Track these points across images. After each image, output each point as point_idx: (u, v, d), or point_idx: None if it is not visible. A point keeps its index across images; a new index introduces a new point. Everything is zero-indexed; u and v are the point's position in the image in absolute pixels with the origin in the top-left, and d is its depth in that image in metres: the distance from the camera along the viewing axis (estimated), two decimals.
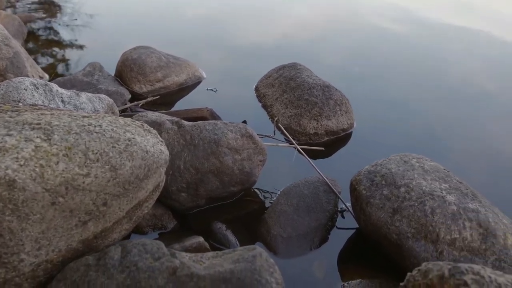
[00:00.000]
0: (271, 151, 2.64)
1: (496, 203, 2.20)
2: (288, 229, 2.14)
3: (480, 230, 1.83)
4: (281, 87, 3.28)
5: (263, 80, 3.59)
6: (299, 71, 3.32)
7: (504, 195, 2.65)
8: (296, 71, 3.33)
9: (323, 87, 3.09)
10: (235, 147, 2.20)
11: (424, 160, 2.12)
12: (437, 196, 1.88)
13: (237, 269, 1.42)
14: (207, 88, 3.67)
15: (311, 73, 3.35)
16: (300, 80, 3.19)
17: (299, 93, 3.09)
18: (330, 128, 2.99)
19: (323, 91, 3.06)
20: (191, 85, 3.71)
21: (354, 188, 2.09)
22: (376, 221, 1.93)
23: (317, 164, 2.59)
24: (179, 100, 3.50)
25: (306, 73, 3.29)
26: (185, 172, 2.17)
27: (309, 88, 3.09)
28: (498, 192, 2.67)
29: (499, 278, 1.16)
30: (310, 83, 3.12)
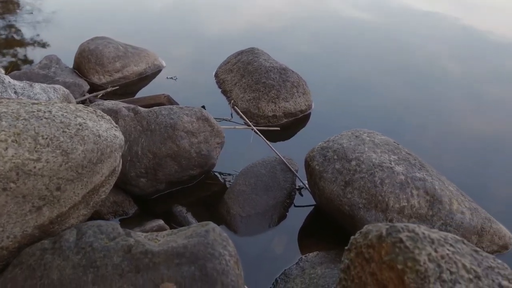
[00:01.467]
0: (229, 134, 2.68)
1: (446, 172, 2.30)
2: (247, 208, 2.19)
3: (427, 198, 1.92)
4: (239, 72, 3.32)
5: (222, 66, 3.62)
6: (256, 56, 3.37)
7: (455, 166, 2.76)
8: (254, 56, 3.37)
9: (280, 70, 3.14)
10: (191, 130, 2.24)
11: (375, 134, 2.19)
12: (386, 168, 1.96)
13: (190, 243, 1.46)
14: (167, 76, 3.68)
15: (269, 57, 3.39)
16: (258, 64, 3.24)
17: (257, 77, 3.14)
18: (288, 110, 3.05)
19: (280, 74, 3.12)
20: (151, 74, 3.71)
21: (308, 164, 2.16)
22: (329, 195, 1.99)
23: (275, 145, 2.65)
24: (139, 89, 3.50)
25: (264, 57, 3.33)
26: (143, 157, 2.20)
27: (266, 71, 3.14)
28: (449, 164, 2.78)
29: (432, 234, 1.23)
30: (267, 67, 3.17)
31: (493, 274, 1.23)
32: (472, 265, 1.21)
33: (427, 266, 1.15)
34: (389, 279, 1.19)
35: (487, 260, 1.27)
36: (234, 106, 3.04)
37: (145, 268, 1.42)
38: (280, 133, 2.95)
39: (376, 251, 1.22)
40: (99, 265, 1.42)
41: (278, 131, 2.94)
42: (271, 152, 2.53)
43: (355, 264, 1.28)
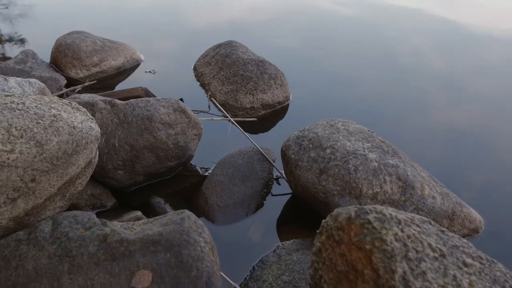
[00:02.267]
0: (207, 125, 2.70)
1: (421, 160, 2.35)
2: (224, 198, 2.21)
3: (399, 183, 1.96)
4: (217, 65, 3.33)
5: (200, 59, 3.62)
6: (234, 48, 3.38)
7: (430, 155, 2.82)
8: (232, 49, 3.39)
9: (257, 62, 3.17)
10: (168, 122, 2.25)
11: (349, 123, 2.23)
12: (360, 155, 2.00)
13: (165, 231, 1.48)
14: (146, 70, 3.68)
15: (247, 49, 3.41)
16: (235, 56, 3.26)
17: (235, 69, 3.16)
18: (266, 101, 3.07)
19: (257, 66, 3.14)
20: (129, 68, 3.70)
21: (284, 153, 2.19)
22: (304, 182, 2.03)
23: (253, 136, 2.67)
24: (117, 83, 3.49)
25: (242, 50, 3.35)
26: (120, 149, 2.20)
27: (243, 64, 3.16)
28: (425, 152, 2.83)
29: (399, 215, 1.27)
30: (244, 59, 3.19)
31: (458, 252, 1.27)
32: (437, 244, 1.25)
33: (394, 246, 1.19)
34: (358, 260, 1.22)
35: (452, 240, 1.31)
36: (212, 97, 3.06)
37: (121, 256, 1.44)
38: (258, 124, 2.98)
39: (346, 233, 1.26)
40: (75, 254, 1.43)
41: (256, 122, 2.97)
42: (248, 143, 2.55)
43: (326, 247, 1.32)
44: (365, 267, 1.20)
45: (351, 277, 1.24)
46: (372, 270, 1.19)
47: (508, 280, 1.28)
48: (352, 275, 1.23)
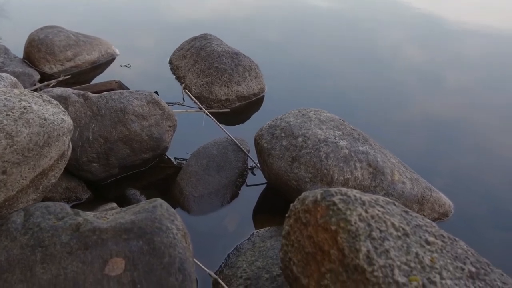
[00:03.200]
0: (182, 118, 2.72)
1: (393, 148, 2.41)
2: (199, 188, 2.24)
3: (370, 170, 2.01)
4: (192, 58, 3.35)
5: (176, 52, 3.63)
6: (209, 41, 3.40)
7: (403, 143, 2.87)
8: (207, 41, 3.40)
9: (232, 54, 3.19)
10: (142, 114, 2.26)
11: (321, 112, 2.27)
12: (331, 142, 2.04)
13: (138, 219, 1.50)
14: (121, 64, 3.67)
15: (221, 42, 3.43)
16: (210, 49, 3.27)
17: (209, 62, 3.17)
18: (241, 93, 3.10)
19: (232, 58, 3.16)
20: (104, 63, 3.69)
21: (257, 142, 2.22)
22: (277, 171, 2.06)
23: (229, 127, 2.70)
24: (92, 78, 3.48)
25: (216, 42, 3.37)
26: (94, 142, 2.21)
27: (218, 56, 3.17)
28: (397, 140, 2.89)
29: (363, 197, 1.31)
30: (219, 52, 3.21)
31: (421, 231, 1.32)
32: (401, 224, 1.29)
33: (358, 226, 1.23)
34: (324, 240, 1.26)
35: (416, 219, 1.36)
36: (185, 89, 3.07)
37: (93, 245, 1.45)
38: (233, 116, 3.00)
39: (312, 215, 1.29)
40: (47, 244, 1.44)
41: (231, 114, 3.00)
42: (223, 134, 2.58)
43: (294, 229, 1.35)
44: (331, 248, 1.24)
45: (318, 257, 1.27)
46: (338, 250, 1.23)
47: (469, 257, 1.33)
48: (319, 255, 1.27)
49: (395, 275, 1.17)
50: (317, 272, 1.27)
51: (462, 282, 1.25)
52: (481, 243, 2.16)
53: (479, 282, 1.27)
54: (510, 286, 1.34)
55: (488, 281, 1.29)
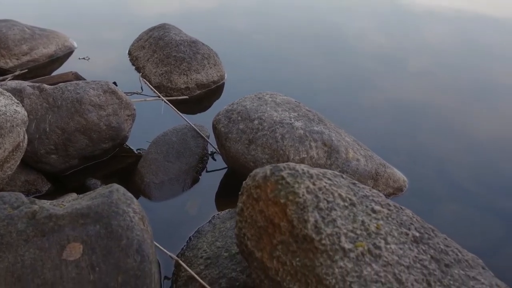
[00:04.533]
0: (142, 107, 2.72)
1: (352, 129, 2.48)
2: (160, 175, 2.26)
3: (325, 148, 2.07)
4: (151, 48, 3.34)
5: (135, 43, 3.62)
6: (167, 31, 3.40)
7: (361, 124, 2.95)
8: (165, 31, 3.40)
9: (189, 42, 3.20)
10: (99, 104, 2.26)
11: (277, 95, 2.32)
12: (286, 124, 2.09)
13: (94, 204, 1.51)
14: (79, 57, 3.63)
15: (180, 31, 3.43)
16: (168, 38, 3.28)
17: (168, 51, 3.18)
18: (200, 81, 3.12)
19: (190, 46, 3.17)
20: (62, 56, 3.64)
21: (214, 127, 2.25)
22: (235, 153, 2.10)
23: (190, 116, 2.72)
24: (50, 72, 3.43)
25: (174, 32, 3.37)
26: (52, 134, 2.20)
27: (176, 45, 3.18)
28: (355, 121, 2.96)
29: (311, 170, 1.36)
30: (177, 40, 3.22)
31: (368, 201, 1.38)
32: (348, 195, 1.35)
33: (306, 198, 1.28)
34: (274, 214, 1.30)
35: (363, 190, 1.42)
36: (143, 78, 3.08)
37: (50, 231, 1.46)
38: (193, 104, 3.02)
39: (263, 190, 1.34)
40: (3, 233, 1.44)
41: (191, 102, 3.02)
42: (183, 121, 2.60)
43: (247, 206, 1.39)
44: (281, 220, 1.29)
45: (270, 231, 1.32)
46: (287, 222, 1.28)
47: (413, 223, 1.40)
48: (271, 228, 1.32)
49: (342, 242, 1.23)
50: (270, 245, 1.32)
51: (406, 246, 1.31)
52: (434, 215, 2.25)
53: (423, 246, 1.34)
54: (452, 249, 1.41)
55: (431, 244, 1.37)
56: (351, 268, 1.20)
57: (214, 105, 3.07)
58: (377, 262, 1.23)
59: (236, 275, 1.66)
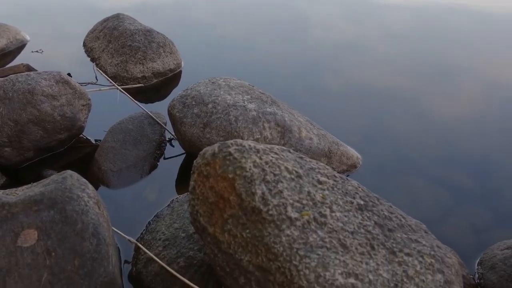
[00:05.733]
0: (98, 97, 2.71)
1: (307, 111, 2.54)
2: (117, 163, 2.27)
3: (278, 129, 2.12)
4: (106, 38, 3.32)
5: (89, 34, 3.58)
6: (121, 21, 3.38)
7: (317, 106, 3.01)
8: (119, 21, 3.39)
9: (144, 32, 3.20)
10: (52, 94, 2.25)
11: (231, 79, 2.36)
12: (240, 106, 2.13)
13: (47, 190, 1.53)
14: (32, 50, 3.58)
15: (134, 21, 3.42)
16: (123, 28, 3.26)
17: (123, 40, 3.17)
18: (157, 69, 3.13)
19: (145, 35, 3.17)
20: (14, 50, 3.58)
21: (170, 113, 2.27)
22: (190, 137, 2.13)
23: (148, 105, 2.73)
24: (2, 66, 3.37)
25: (129, 21, 3.36)
26: (4, 126, 2.18)
27: (131, 34, 3.18)
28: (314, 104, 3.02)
29: (258, 145, 1.41)
30: (131, 30, 3.21)
31: (314, 173, 1.44)
32: (294, 168, 1.40)
33: (253, 172, 1.33)
34: (224, 189, 1.35)
35: (310, 164, 1.48)
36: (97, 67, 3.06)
37: (3, 220, 1.47)
38: (151, 92, 3.04)
39: (212, 167, 1.38)
40: None
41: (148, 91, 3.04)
42: (139, 109, 2.61)
43: (198, 183, 1.43)
44: (231, 194, 1.34)
45: (220, 205, 1.36)
46: (236, 195, 1.32)
47: (358, 193, 1.47)
48: (221, 203, 1.36)
49: (288, 212, 1.28)
50: (221, 219, 1.36)
51: (351, 213, 1.38)
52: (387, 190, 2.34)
53: (367, 213, 1.41)
54: (396, 215, 1.49)
55: (375, 211, 1.44)
56: (298, 235, 1.25)
57: (172, 93, 3.08)
58: (322, 229, 1.29)
59: (194, 253, 1.70)
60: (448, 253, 1.46)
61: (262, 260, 1.27)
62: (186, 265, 1.68)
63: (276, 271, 1.24)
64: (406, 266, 1.32)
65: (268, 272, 1.27)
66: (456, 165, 2.55)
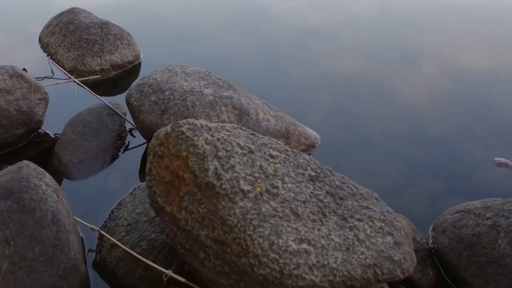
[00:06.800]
0: (56, 91, 2.70)
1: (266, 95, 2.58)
2: (78, 155, 2.27)
3: (235, 112, 2.16)
4: (61, 33, 3.29)
5: (44, 30, 3.54)
6: (77, 15, 3.35)
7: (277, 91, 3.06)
8: (74, 15, 3.36)
9: (100, 24, 3.19)
10: (6, 88, 2.23)
11: (187, 67, 2.38)
12: (196, 92, 2.16)
13: (3, 180, 1.53)
14: None
15: (90, 14, 3.40)
16: (78, 22, 3.24)
17: (79, 34, 3.15)
18: (115, 62, 3.12)
19: (101, 28, 3.16)
20: None
21: (128, 102, 2.29)
22: (149, 125, 2.16)
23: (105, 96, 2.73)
24: None
25: (84, 15, 3.34)
26: None
27: (87, 28, 3.16)
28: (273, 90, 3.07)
29: (210, 124, 1.45)
30: (87, 23, 3.19)
31: (266, 148, 1.49)
32: (246, 143, 1.45)
33: (205, 148, 1.37)
34: (178, 167, 1.38)
35: (262, 140, 1.53)
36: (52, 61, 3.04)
37: None
38: (110, 85, 3.04)
39: (166, 147, 1.41)
40: None
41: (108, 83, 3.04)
42: (98, 101, 2.61)
43: (154, 164, 1.46)
44: (185, 172, 1.37)
45: (176, 184, 1.40)
46: (190, 172, 1.36)
47: (310, 165, 1.53)
48: (177, 182, 1.40)
49: (241, 185, 1.33)
50: (177, 197, 1.40)
51: (302, 184, 1.43)
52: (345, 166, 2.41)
53: (318, 183, 1.47)
54: (348, 185, 1.55)
55: (327, 181, 1.50)
56: (251, 206, 1.30)
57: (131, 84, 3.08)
58: (274, 199, 1.34)
59: (156, 236, 1.73)
60: (398, 217, 1.53)
61: (218, 233, 1.32)
62: (149, 248, 1.71)
63: (232, 242, 1.29)
64: (357, 231, 1.38)
65: (225, 244, 1.31)
66: (412, 142, 2.65)
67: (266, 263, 1.24)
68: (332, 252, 1.31)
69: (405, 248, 1.44)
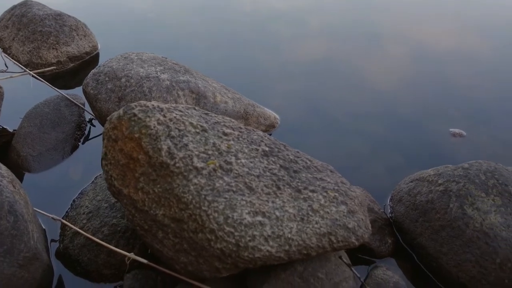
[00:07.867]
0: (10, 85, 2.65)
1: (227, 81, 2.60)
2: (36, 147, 2.25)
3: (193, 95, 2.18)
4: (15, 26, 3.23)
5: None
6: (30, 7, 3.29)
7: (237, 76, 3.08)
8: (27, 8, 3.29)
9: (55, 16, 3.14)
10: None
11: (143, 54, 2.38)
12: (153, 77, 2.16)
13: None
14: None
15: (43, 6, 3.34)
16: (32, 14, 3.18)
17: (33, 27, 3.10)
18: (72, 53, 3.08)
19: (55, 20, 3.11)
20: None
21: (85, 91, 2.28)
22: (106, 113, 2.15)
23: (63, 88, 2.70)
24: None
25: (37, 7, 3.27)
26: None
27: (41, 20, 3.11)
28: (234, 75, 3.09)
29: (162, 105, 1.46)
30: (41, 15, 3.14)
31: (219, 126, 1.51)
32: (199, 123, 1.47)
33: (157, 129, 1.38)
34: (132, 149, 1.40)
35: (215, 118, 1.55)
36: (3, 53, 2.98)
37: None
38: (69, 77, 3.01)
39: (119, 130, 1.42)
40: None
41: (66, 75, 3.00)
42: (55, 93, 2.58)
43: (109, 148, 1.47)
44: (139, 153, 1.39)
45: (131, 166, 1.41)
46: (144, 153, 1.38)
47: (264, 141, 1.56)
48: (132, 164, 1.41)
49: (194, 162, 1.35)
50: (133, 179, 1.41)
51: (256, 159, 1.47)
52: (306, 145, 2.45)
53: (272, 158, 1.50)
54: (302, 158, 1.59)
55: (281, 156, 1.53)
56: (205, 183, 1.33)
57: None
58: (228, 175, 1.37)
59: (117, 221, 1.74)
60: (352, 187, 1.58)
61: (174, 211, 1.34)
62: (110, 233, 1.72)
63: (189, 219, 1.31)
64: (311, 201, 1.42)
65: (181, 222, 1.33)
66: (372, 119, 2.70)
67: (222, 237, 1.27)
68: (287, 223, 1.34)
69: (359, 215, 1.49)
